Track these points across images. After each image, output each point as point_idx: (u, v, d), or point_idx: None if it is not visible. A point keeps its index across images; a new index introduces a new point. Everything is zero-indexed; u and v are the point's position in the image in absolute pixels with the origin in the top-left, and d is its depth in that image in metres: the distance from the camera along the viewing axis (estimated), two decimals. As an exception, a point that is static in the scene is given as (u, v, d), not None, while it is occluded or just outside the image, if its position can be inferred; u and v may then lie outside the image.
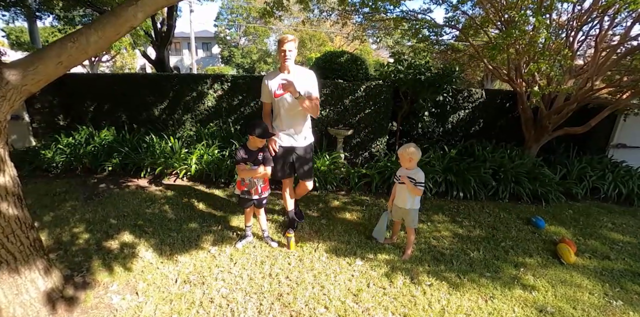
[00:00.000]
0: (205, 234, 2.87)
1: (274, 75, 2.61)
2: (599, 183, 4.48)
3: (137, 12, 1.58)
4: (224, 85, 5.13)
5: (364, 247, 2.79)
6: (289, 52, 2.47)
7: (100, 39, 1.60)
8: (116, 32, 1.60)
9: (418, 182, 2.51)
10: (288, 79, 2.43)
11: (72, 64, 1.59)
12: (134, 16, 1.58)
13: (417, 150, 2.49)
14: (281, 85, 2.46)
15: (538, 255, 2.93)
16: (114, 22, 1.58)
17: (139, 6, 1.59)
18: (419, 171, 2.55)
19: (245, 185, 2.52)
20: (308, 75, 2.62)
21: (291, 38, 2.49)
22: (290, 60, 2.51)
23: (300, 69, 2.66)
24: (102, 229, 2.95)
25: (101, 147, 4.64)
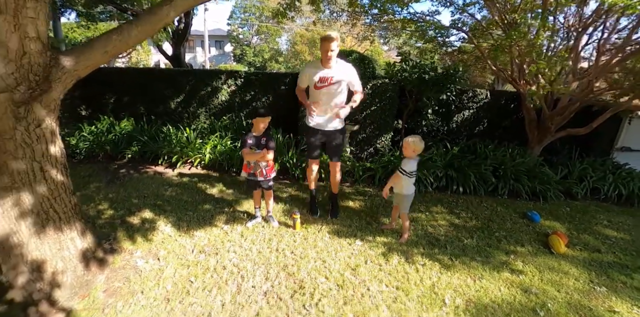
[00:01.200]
0: (218, 214, 3.16)
1: (315, 67, 2.82)
2: (600, 184, 4.62)
3: (170, 11, 1.88)
4: (237, 81, 5.45)
5: (364, 230, 3.04)
6: (331, 51, 2.65)
7: (140, 33, 1.90)
8: (153, 27, 1.91)
9: (402, 168, 2.77)
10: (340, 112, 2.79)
11: (116, 53, 1.91)
12: (167, 14, 1.88)
13: (419, 142, 2.73)
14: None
15: (529, 245, 3.13)
16: (152, 19, 1.89)
17: (172, 6, 1.89)
18: (409, 161, 2.79)
19: (251, 168, 2.83)
20: (349, 69, 2.87)
21: (335, 36, 2.65)
22: (333, 59, 2.73)
23: (341, 62, 2.86)
24: (125, 206, 3.27)
25: (121, 136, 5.00)
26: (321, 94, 2.86)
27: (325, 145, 3.13)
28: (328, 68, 2.80)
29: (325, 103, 2.89)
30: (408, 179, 2.81)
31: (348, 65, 2.91)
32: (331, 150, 3.13)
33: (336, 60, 2.82)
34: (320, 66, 2.82)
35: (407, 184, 2.84)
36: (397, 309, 2.12)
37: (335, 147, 3.10)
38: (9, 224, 1.77)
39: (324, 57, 2.75)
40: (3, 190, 1.70)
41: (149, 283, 2.19)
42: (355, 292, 2.23)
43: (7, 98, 1.56)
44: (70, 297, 2.02)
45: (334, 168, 3.22)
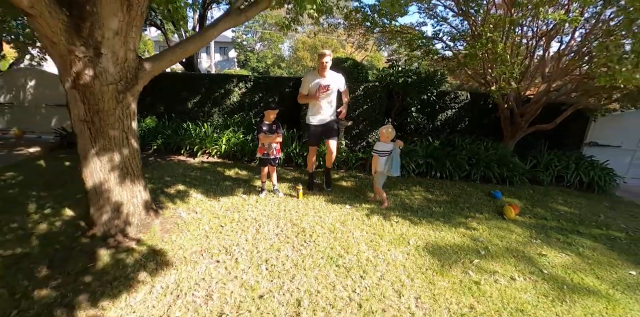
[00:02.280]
0: (236, 188, 4.10)
1: (314, 77, 3.78)
2: (564, 172, 5.50)
3: (214, 32, 2.85)
4: (247, 84, 6.44)
5: (353, 200, 3.96)
6: (326, 63, 3.67)
7: (193, 47, 2.88)
8: (202, 43, 2.89)
9: (375, 149, 3.70)
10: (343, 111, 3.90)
11: (177, 60, 2.87)
12: (212, 34, 2.85)
13: (390, 130, 3.66)
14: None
15: (487, 213, 4.01)
16: (202, 39, 2.86)
17: (216, 28, 2.86)
18: (380, 144, 3.72)
19: (265, 149, 3.78)
20: (339, 77, 3.90)
21: (328, 53, 3.71)
22: (327, 69, 3.73)
23: (333, 73, 3.85)
24: (161, 182, 4.21)
25: (147, 131, 5.96)
26: (320, 98, 3.83)
27: (324, 133, 4.03)
28: (324, 77, 3.78)
29: (322, 104, 3.86)
30: (379, 158, 3.72)
31: (339, 75, 3.91)
32: (328, 134, 4.02)
33: (329, 72, 3.81)
34: (318, 75, 3.80)
35: (381, 162, 3.74)
36: (373, 245, 3.01)
37: (332, 130, 4.01)
38: (104, 175, 2.70)
39: (320, 68, 3.74)
40: (103, 150, 2.64)
41: (191, 226, 3.10)
42: (343, 235, 3.13)
43: (114, 88, 2.52)
44: (137, 233, 2.93)
45: (330, 146, 4.05)
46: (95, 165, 2.68)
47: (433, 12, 5.95)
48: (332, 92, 3.86)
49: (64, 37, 2.25)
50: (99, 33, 2.33)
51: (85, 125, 2.58)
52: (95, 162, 2.67)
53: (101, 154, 2.65)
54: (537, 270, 2.88)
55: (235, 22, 2.90)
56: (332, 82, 3.80)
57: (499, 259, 3.01)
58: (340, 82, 3.91)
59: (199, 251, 2.74)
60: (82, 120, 2.57)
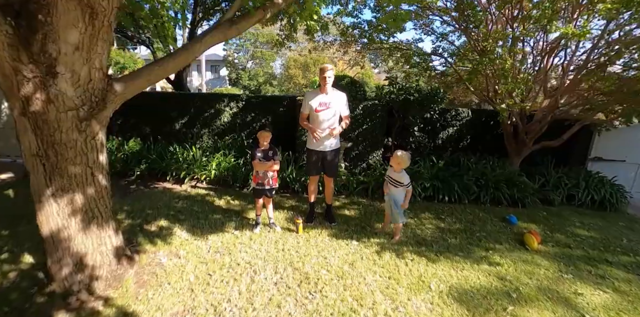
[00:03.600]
0: (227, 222, 3.55)
1: (315, 94, 3.38)
2: (574, 190, 5.13)
3: (201, 47, 2.40)
4: (239, 103, 5.99)
5: (360, 233, 3.45)
6: (328, 78, 3.27)
7: (175, 65, 2.41)
8: (185, 60, 2.42)
9: (405, 184, 3.21)
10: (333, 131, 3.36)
11: (156, 80, 2.40)
12: (198, 49, 2.40)
13: (405, 156, 3.21)
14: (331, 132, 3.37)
15: (507, 243, 3.56)
16: (185, 54, 2.40)
17: (202, 43, 2.41)
18: (404, 174, 3.25)
19: (259, 178, 3.25)
20: (341, 97, 3.45)
21: (330, 67, 3.30)
22: (329, 85, 3.31)
23: (335, 91, 3.43)
24: (142, 216, 3.64)
25: (130, 155, 5.41)
26: (320, 116, 3.37)
27: (323, 163, 3.55)
28: (325, 94, 3.36)
29: (322, 124, 3.39)
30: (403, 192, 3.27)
31: (342, 94, 3.48)
32: (328, 167, 3.57)
33: (332, 88, 3.40)
34: (319, 92, 3.39)
35: (400, 199, 3.29)
36: (390, 293, 2.49)
37: (331, 163, 3.55)
38: (62, 220, 2.15)
39: (322, 83, 3.33)
40: (61, 190, 2.10)
41: (173, 276, 2.54)
42: (353, 281, 2.60)
43: (74, 115, 2.01)
44: (105, 288, 2.36)
45: (329, 182, 3.69)
46: (52, 208, 2.13)
47: (429, 28, 5.69)
48: (333, 112, 3.39)
49: (8, 53, 1.77)
50: (54, 48, 1.85)
51: (39, 160, 2.06)
52: (52, 205, 2.13)
53: (59, 196, 2.11)
54: (578, 315, 2.42)
55: (225, 36, 2.46)
56: (333, 100, 3.37)
57: (534, 303, 2.54)
58: (342, 102, 3.45)
59: (181, 312, 2.18)
60: (34, 155, 2.05)
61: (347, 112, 3.51)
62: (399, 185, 3.25)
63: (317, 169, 3.60)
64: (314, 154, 3.50)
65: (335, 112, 3.41)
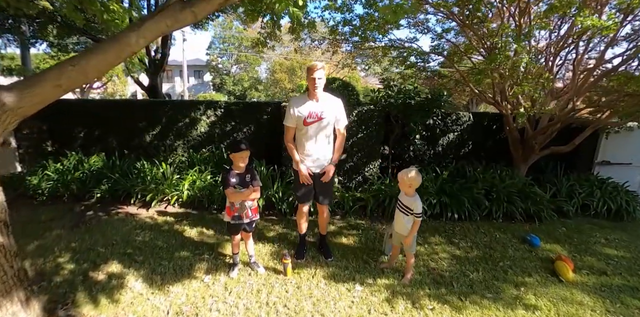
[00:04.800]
0: (197, 262, 2.77)
1: (302, 101, 2.60)
2: (589, 200, 4.59)
3: (139, 38, 1.64)
4: (217, 111, 5.21)
5: (363, 272, 2.73)
6: (318, 79, 2.48)
7: (101, 63, 1.64)
8: (117, 56, 1.66)
9: (415, 213, 2.51)
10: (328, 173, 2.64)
11: (71, 86, 1.62)
12: (135, 42, 1.64)
13: (417, 176, 2.51)
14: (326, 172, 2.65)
15: (537, 273, 2.93)
16: (116, 47, 1.64)
17: (140, 32, 1.65)
18: (417, 199, 2.53)
19: (236, 210, 2.47)
20: (336, 103, 2.67)
21: (320, 66, 2.50)
22: (320, 88, 2.53)
23: (329, 96, 2.68)
24: (89, 258, 2.83)
25: (90, 174, 4.56)
26: (310, 131, 2.60)
27: (316, 187, 2.80)
28: (315, 100, 2.60)
29: (312, 140, 2.64)
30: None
31: (337, 100, 2.72)
32: (321, 191, 2.82)
33: (323, 93, 2.64)
34: (307, 98, 2.62)
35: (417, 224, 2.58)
36: (413, 372, 1.79)
37: (325, 187, 2.80)
38: None
39: (311, 86, 2.55)
40: None
41: (111, 363, 1.77)
42: (362, 354, 1.89)
43: None
44: None
45: (323, 210, 2.93)
46: None
47: (424, 26, 5.05)
48: (326, 124, 2.62)
49: None
50: None
51: None
52: None
53: None
54: None
55: (175, 22, 1.71)
56: (326, 108, 2.59)
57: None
58: (337, 110, 2.68)
59: None
60: None
61: (344, 124, 2.73)
62: (409, 213, 2.56)
63: (309, 195, 2.82)
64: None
65: (329, 123, 2.64)
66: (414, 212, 2.53)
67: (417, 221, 2.53)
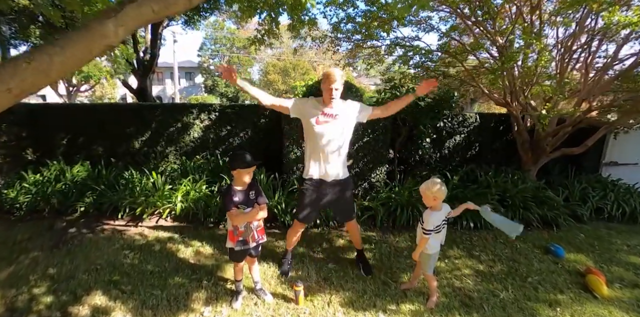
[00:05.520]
0: (195, 290, 2.39)
1: (318, 104, 2.33)
2: (602, 203, 4.36)
3: (117, 27, 1.27)
4: (211, 115, 4.83)
5: (383, 296, 2.39)
6: (335, 91, 2.22)
7: (68, 59, 1.26)
8: (88, 50, 1.28)
9: (424, 227, 2.20)
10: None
11: (27, 90, 1.24)
12: (113, 32, 1.27)
13: (443, 188, 2.19)
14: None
15: (569, 290, 2.66)
16: (87, 39, 1.26)
17: (119, 20, 1.28)
18: (430, 214, 2.21)
19: (240, 233, 2.08)
20: (353, 106, 2.41)
21: (340, 74, 2.22)
22: (336, 100, 2.28)
23: (344, 102, 2.40)
24: (69, 288, 2.43)
25: (73, 185, 4.13)
26: (320, 132, 2.28)
27: (331, 203, 2.48)
28: (330, 107, 2.32)
29: (323, 143, 2.30)
30: (431, 239, 2.23)
31: (354, 103, 2.44)
32: (341, 209, 2.54)
33: (339, 101, 2.36)
34: (322, 104, 2.34)
35: (431, 242, 2.26)
36: None
37: (346, 203, 2.51)
38: None
39: (326, 96, 2.27)
40: None
41: None
42: None
43: None
44: None
45: (353, 227, 2.65)
46: None
47: (427, 24, 4.75)
48: (341, 128, 2.32)
49: None
50: None
51: None
52: None
53: None
54: None
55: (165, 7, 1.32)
56: (342, 112, 2.31)
57: None
58: (355, 110, 2.39)
59: None
60: None
61: (369, 109, 2.44)
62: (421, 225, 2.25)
63: (313, 217, 2.51)
64: (315, 187, 2.38)
65: (344, 128, 2.34)
66: (422, 226, 2.22)
67: (423, 237, 2.21)
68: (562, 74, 3.47)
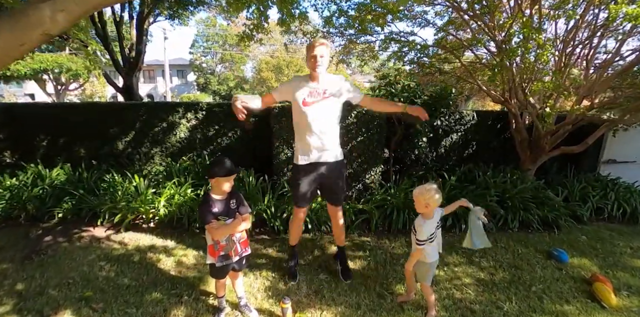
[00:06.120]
0: (174, 307, 2.18)
1: (303, 80, 2.24)
2: (602, 203, 4.23)
3: (56, 13, 1.04)
4: (198, 114, 4.58)
5: (379, 311, 2.21)
6: (320, 57, 2.11)
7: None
8: (19, 40, 1.05)
9: (417, 238, 2.03)
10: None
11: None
12: (50, 18, 1.04)
13: (437, 195, 2.00)
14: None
15: (575, 299, 2.49)
16: (18, 27, 1.03)
17: (57, 4, 1.05)
18: (422, 223, 2.03)
19: (222, 248, 1.87)
20: (341, 80, 2.29)
21: (323, 41, 2.17)
22: (322, 68, 2.15)
23: (332, 76, 2.29)
24: (36, 306, 2.20)
25: (51, 189, 3.88)
26: (310, 114, 2.17)
27: (321, 185, 2.38)
28: (317, 82, 2.20)
29: (315, 125, 2.19)
30: (426, 249, 2.05)
31: (340, 76, 2.32)
32: (330, 190, 2.42)
33: (326, 74, 2.23)
34: (309, 80, 2.23)
35: (429, 251, 2.07)
36: None
37: (336, 184, 2.39)
38: None
39: (311, 66, 2.14)
40: None
41: None
42: None
43: None
44: None
45: (336, 213, 2.50)
46: None
47: (422, 19, 4.54)
48: (331, 105, 2.22)
49: None
50: None
51: None
52: None
53: None
54: None
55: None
56: (330, 87, 2.20)
57: None
58: (344, 86, 2.27)
59: None
60: None
61: (360, 93, 2.35)
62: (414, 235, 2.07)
63: (308, 194, 2.37)
64: (306, 171, 2.29)
65: (334, 104, 2.23)
66: (415, 236, 2.04)
67: (417, 248, 2.05)
68: (565, 69, 3.28)
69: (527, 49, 2.81)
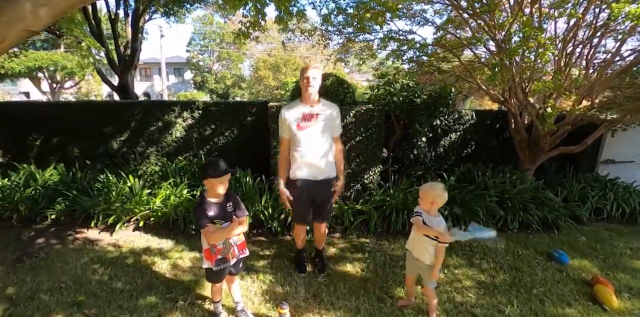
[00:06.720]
0: (168, 313, 2.12)
1: (294, 105, 2.33)
2: (601, 203, 4.21)
3: (38, 7, 0.97)
4: (194, 113, 4.51)
5: (379, 315, 2.16)
6: (312, 79, 2.20)
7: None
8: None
9: (443, 241, 1.98)
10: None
11: None
12: (31, 13, 0.97)
13: (443, 193, 1.97)
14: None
15: (576, 301, 2.47)
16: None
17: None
18: (441, 221, 2.00)
19: (218, 251, 1.81)
20: (333, 107, 2.38)
21: (315, 66, 2.26)
22: (313, 89, 2.23)
23: (324, 101, 2.38)
24: (26, 312, 2.14)
25: (44, 190, 3.80)
26: (305, 136, 2.24)
27: (316, 202, 2.45)
28: (310, 105, 2.28)
29: (307, 146, 2.26)
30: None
31: (334, 105, 2.43)
32: (318, 207, 2.46)
33: (319, 99, 2.33)
34: (299, 103, 2.30)
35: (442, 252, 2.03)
36: None
37: (323, 202, 2.45)
38: None
39: (303, 87, 2.21)
40: None
41: None
42: None
43: None
44: None
45: (319, 227, 2.60)
46: None
47: (421, 17, 4.49)
48: (321, 128, 2.27)
49: None
50: None
51: None
52: None
53: None
54: None
55: None
56: (322, 111, 2.30)
57: None
58: (336, 116, 2.37)
59: None
60: None
61: (339, 131, 2.46)
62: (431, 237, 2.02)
63: (307, 214, 2.46)
64: (302, 187, 2.34)
65: (325, 127, 2.28)
66: (437, 240, 1.99)
67: (440, 246, 1.99)
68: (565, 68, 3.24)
69: (529, 48, 2.76)
